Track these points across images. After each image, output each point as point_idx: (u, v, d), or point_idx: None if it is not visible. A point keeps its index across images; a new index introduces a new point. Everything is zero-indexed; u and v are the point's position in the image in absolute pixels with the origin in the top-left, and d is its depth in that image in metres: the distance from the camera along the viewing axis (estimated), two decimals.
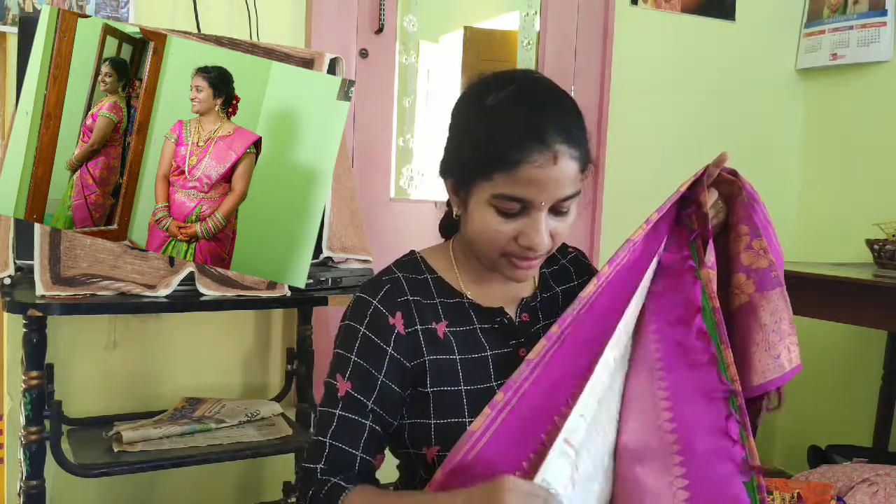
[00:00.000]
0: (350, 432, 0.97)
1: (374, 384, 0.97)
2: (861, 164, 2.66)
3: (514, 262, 0.98)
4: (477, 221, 0.97)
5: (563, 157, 0.92)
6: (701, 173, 1.06)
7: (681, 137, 2.66)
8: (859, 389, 2.62)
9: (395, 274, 1.03)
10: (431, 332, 1.00)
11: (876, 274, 2.02)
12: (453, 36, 2.44)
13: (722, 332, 0.99)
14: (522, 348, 1.03)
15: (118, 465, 1.51)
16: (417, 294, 1.02)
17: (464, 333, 1.02)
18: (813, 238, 2.83)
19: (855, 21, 2.62)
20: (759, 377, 1.03)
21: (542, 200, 0.93)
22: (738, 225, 1.06)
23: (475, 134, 0.96)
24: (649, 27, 2.58)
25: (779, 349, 1.03)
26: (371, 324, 0.99)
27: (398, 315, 0.99)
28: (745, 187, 1.06)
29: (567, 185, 0.94)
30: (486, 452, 0.92)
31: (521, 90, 0.96)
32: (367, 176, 2.20)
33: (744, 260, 1.05)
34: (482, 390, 0.99)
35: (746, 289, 1.05)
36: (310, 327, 2.00)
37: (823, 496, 1.72)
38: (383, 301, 1.00)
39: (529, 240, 0.95)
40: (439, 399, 0.98)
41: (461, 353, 1.00)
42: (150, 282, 1.56)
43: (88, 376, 1.90)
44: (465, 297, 1.05)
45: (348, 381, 0.98)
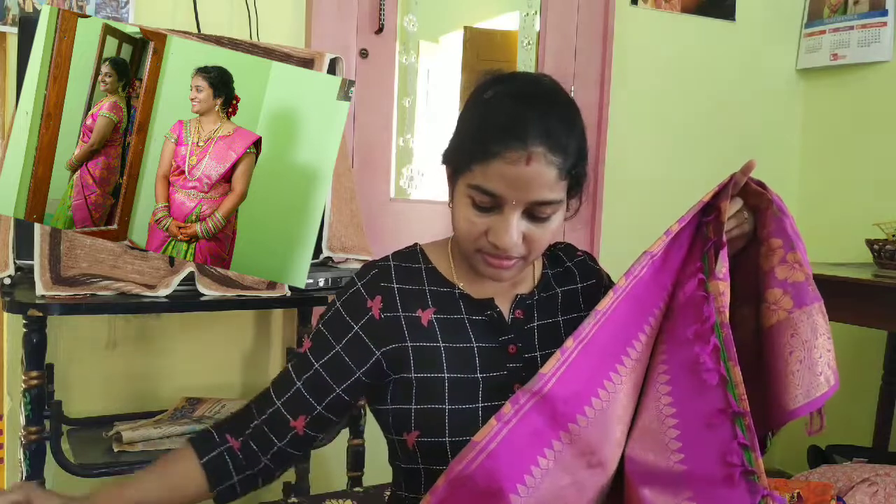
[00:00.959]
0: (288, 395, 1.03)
1: (329, 350, 1.02)
2: (861, 164, 2.66)
3: (487, 258, 0.97)
4: (456, 211, 0.98)
5: (537, 158, 0.90)
6: (727, 182, 1.01)
7: (681, 137, 2.66)
8: (859, 389, 2.62)
9: (388, 262, 1.06)
10: (414, 319, 1.02)
11: (876, 274, 2.02)
12: (453, 36, 2.44)
13: (730, 349, 0.95)
14: (512, 345, 1.03)
15: (118, 465, 1.51)
16: (406, 282, 1.04)
17: (450, 322, 1.03)
18: (813, 238, 2.79)
19: (855, 21, 2.62)
20: (803, 396, 0.98)
21: (513, 199, 0.92)
22: (769, 238, 1.02)
23: (467, 124, 0.98)
24: (649, 27, 2.57)
25: (819, 367, 0.99)
26: (347, 302, 1.03)
27: (377, 299, 1.02)
28: (773, 199, 1.02)
29: (540, 190, 0.92)
30: (488, 463, 0.90)
31: (519, 87, 0.96)
32: (367, 176, 2.20)
33: (779, 274, 1.00)
34: (465, 380, 0.99)
35: (784, 304, 1.00)
36: (310, 327, 2.00)
37: (823, 496, 1.72)
38: (366, 284, 1.03)
39: (497, 237, 0.94)
40: (421, 385, 0.99)
41: (445, 341, 1.01)
42: (150, 282, 1.56)
43: (88, 376, 1.90)
44: (457, 288, 1.05)
45: (310, 341, 1.04)
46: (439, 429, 0.97)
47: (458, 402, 0.98)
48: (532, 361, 1.02)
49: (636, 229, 2.58)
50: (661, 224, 1.05)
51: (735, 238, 1.04)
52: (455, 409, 0.98)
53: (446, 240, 1.11)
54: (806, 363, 0.98)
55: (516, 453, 0.91)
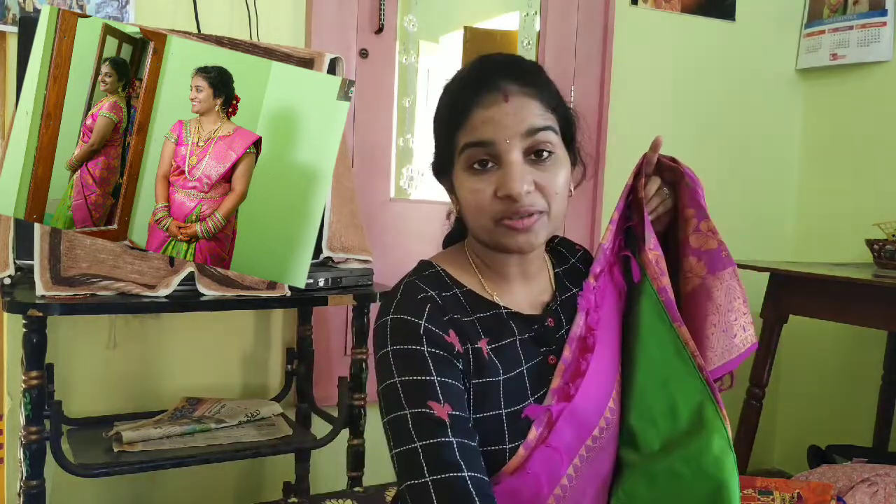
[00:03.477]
0: (472, 457, 0.85)
1: (465, 398, 0.89)
2: (861, 164, 2.66)
3: (507, 224, 0.91)
4: (464, 196, 0.94)
5: (514, 94, 0.91)
6: (641, 161, 1.07)
7: (681, 137, 2.66)
8: (859, 389, 2.62)
9: (428, 292, 0.93)
10: (478, 352, 0.93)
11: (876, 274, 2.02)
12: (453, 36, 2.44)
13: (673, 311, 0.99)
14: (551, 355, 0.99)
15: (118, 465, 1.51)
16: (455, 311, 0.94)
17: (505, 349, 0.96)
18: (813, 238, 2.83)
19: (855, 21, 2.62)
20: (718, 358, 1.02)
21: (506, 138, 0.90)
22: (684, 210, 1.06)
23: (438, 114, 0.98)
24: (649, 27, 2.58)
25: (734, 329, 1.02)
26: (431, 342, 0.89)
27: (451, 333, 0.91)
28: (685, 172, 1.06)
29: (527, 118, 0.91)
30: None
31: (473, 61, 0.98)
32: (367, 176, 2.20)
33: (693, 243, 1.04)
34: (520, 410, 0.94)
35: (698, 271, 1.03)
36: (310, 327, 2.00)
37: (823, 496, 1.72)
38: (430, 320, 0.90)
39: (506, 186, 0.89)
40: (480, 426, 0.91)
41: (504, 374, 0.94)
42: (150, 282, 1.56)
43: (88, 376, 1.90)
44: (501, 308, 0.99)
45: (446, 405, 0.85)
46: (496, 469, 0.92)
47: (516, 437, 0.93)
48: None
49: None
50: None
51: (661, 214, 1.08)
52: (513, 448, 0.92)
53: (459, 252, 1.04)
54: (720, 326, 1.02)
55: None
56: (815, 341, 2.75)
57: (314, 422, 1.98)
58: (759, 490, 1.73)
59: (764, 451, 2.87)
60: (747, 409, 2.28)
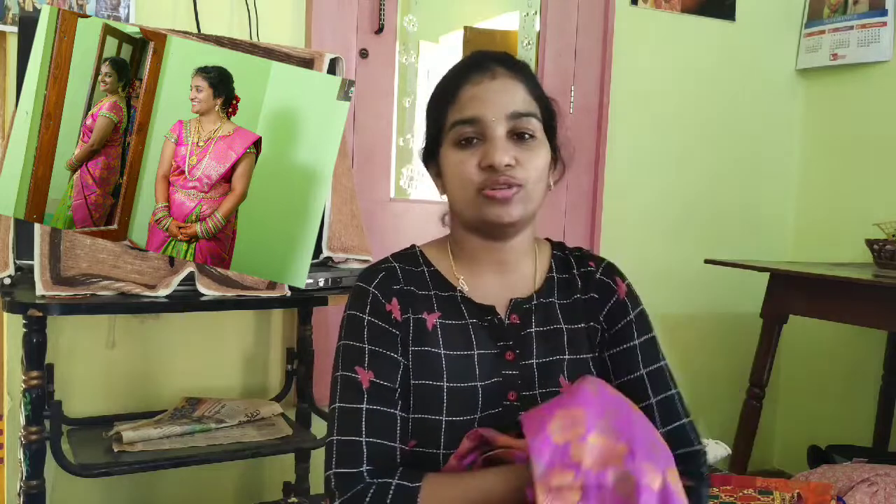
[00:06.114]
0: (384, 425, 0.94)
1: (396, 367, 0.97)
2: (861, 164, 2.66)
3: (487, 194, 0.96)
4: (449, 170, 1.00)
5: (501, 74, 0.99)
6: None
7: (681, 137, 2.66)
8: (859, 389, 2.62)
9: (392, 263, 1.04)
10: (421, 323, 1.00)
11: (876, 274, 2.02)
12: (453, 36, 2.44)
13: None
14: (510, 351, 1.01)
15: (118, 465, 1.51)
16: (411, 284, 1.03)
17: (454, 328, 1.01)
18: (812, 238, 2.83)
19: (855, 21, 2.62)
20: None
21: (492, 115, 0.97)
22: None
23: (431, 97, 1.06)
24: (649, 27, 2.58)
25: None
26: (373, 310, 0.99)
27: (394, 301, 1.00)
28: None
29: (513, 100, 0.98)
30: None
31: (467, 56, 1.07)
32: (367, 176, 2.20)
33: None
34: (465, 388, 0.98)
35: None
36: (310, 327, 2.00)
37: (823, 496, 1.72)
38: (379, 287, 1.01)
39: (489, 156, 0.96)
40: (419, 392, 0.97)
41: (447, 349, 1.00)
42: (150, 282, 1.56)
43: (88, 376, 1.90)
44: (459, 292, 1.04)
45: (370, 371, 0.95)
46: (435, 441, 0.96)
47: (455, 413, 0.96)
48: (528, 369, 1.01)
49: (636, 229, 2.58)
50: (660, 223, 1.06)
51: None
52: (451, 422, 0.96)
53: (444, 239, 1.10)
54: None
55: None
56: (815, 341, 2.75)
57: (314, 422, 1.98)
58: (759, 490, 1.73)
59: (764, 451, 2.86)
60: (747, 409, 2.28)
